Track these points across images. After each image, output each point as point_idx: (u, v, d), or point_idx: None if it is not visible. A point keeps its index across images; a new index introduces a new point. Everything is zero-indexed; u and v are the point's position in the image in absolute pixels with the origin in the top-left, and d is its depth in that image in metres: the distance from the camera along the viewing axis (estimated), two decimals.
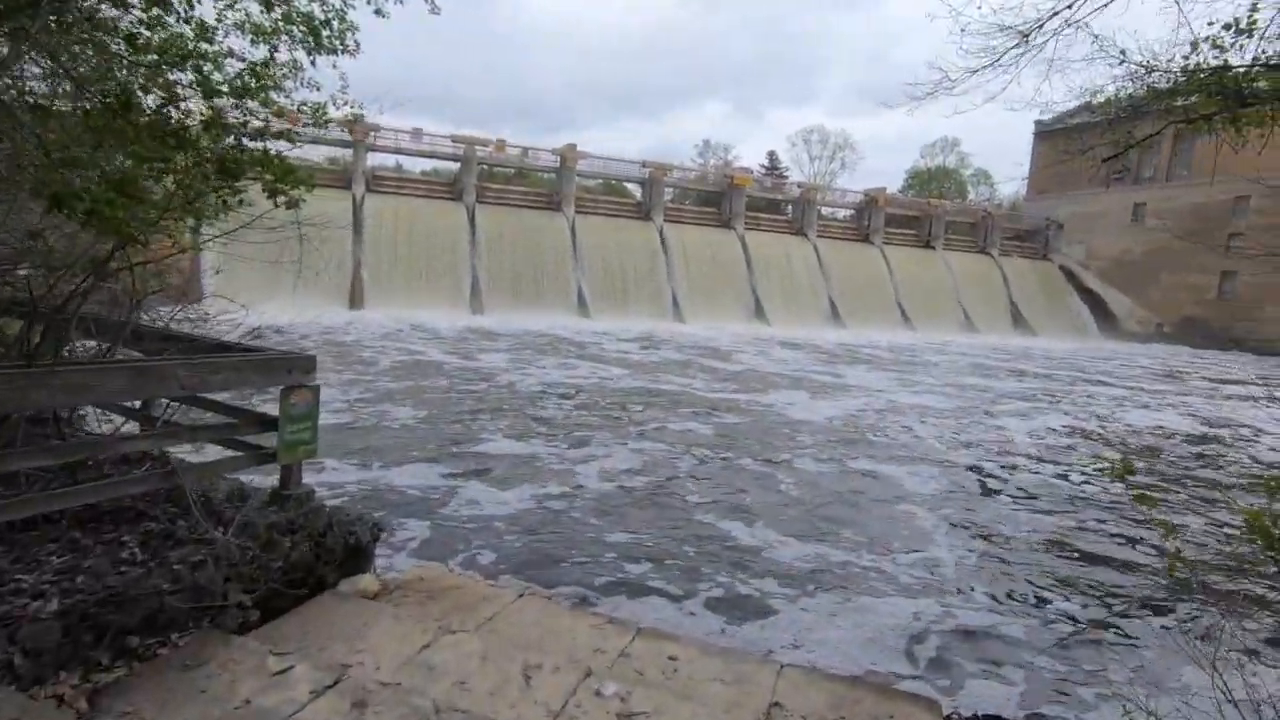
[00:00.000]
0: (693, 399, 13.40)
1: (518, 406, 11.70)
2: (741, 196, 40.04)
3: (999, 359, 27.21)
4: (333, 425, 9.09)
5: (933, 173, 69.70)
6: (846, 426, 11.71)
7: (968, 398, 16.01)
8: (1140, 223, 44.25)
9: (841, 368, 20.32)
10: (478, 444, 8.98)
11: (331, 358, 15.63)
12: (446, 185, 35.45)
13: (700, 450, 9.33)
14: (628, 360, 18.97)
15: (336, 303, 28.30)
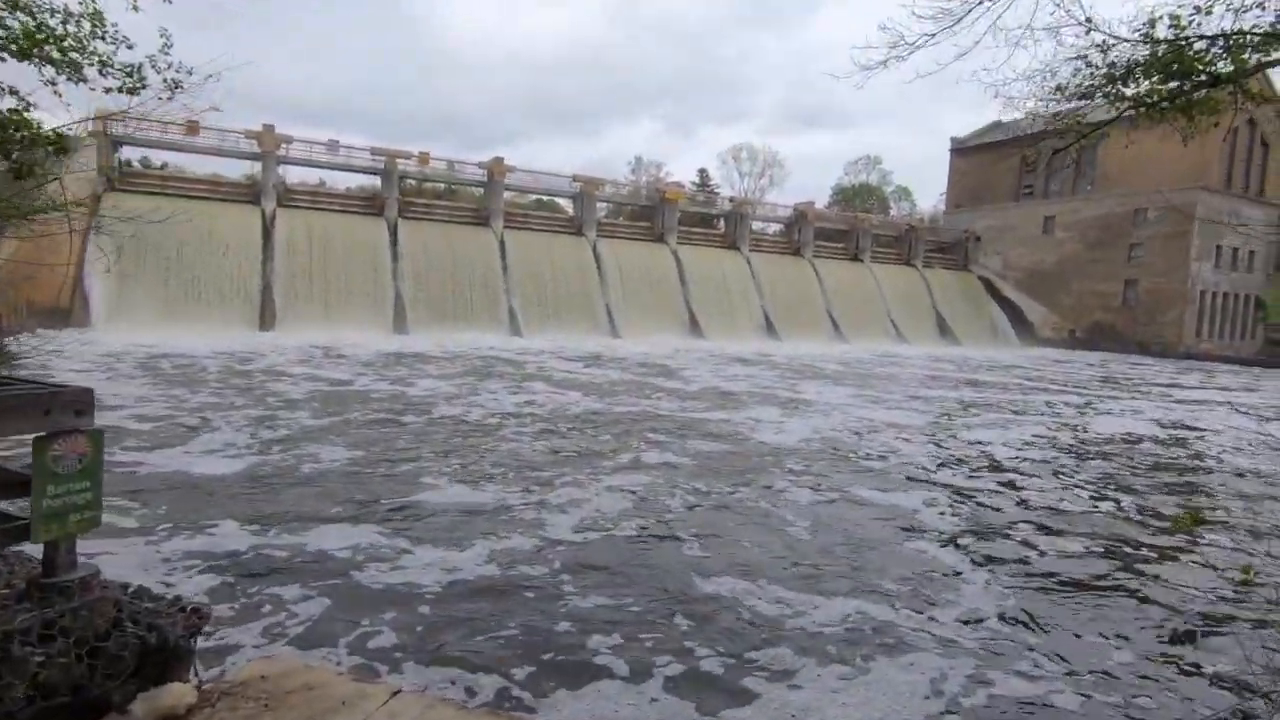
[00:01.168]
0: (660, 422, 12.32)
1: (466, 442, 9.99)
2: (674, 211, 39.81)
3: (946, 369, 27.37)
4: (232, 475, 7.59)
5: (856, 189, 71.93)
6: (828, 448, 10.88)
7: (935, 411, 15.61)
8: (1050, 234, 46.53)
9: (798, 383, 19.65)
10: (417, 492, 7.39)
11: (237, 390, 13.65)
12: (366, 200, 33.67)
13: (682, 484, 8.21)
14: (577, 381, 17.71)
15: (245, 325, 26.18)
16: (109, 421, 9.81)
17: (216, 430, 9.79)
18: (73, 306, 23.75)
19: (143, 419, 10.28)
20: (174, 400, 11.94)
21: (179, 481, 7.31)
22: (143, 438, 9.14)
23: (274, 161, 30.89)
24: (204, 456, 8.36)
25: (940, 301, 45.73)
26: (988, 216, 50.00)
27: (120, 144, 29.37)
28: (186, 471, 7.67)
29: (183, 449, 8.69)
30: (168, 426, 9.92)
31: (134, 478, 7.37)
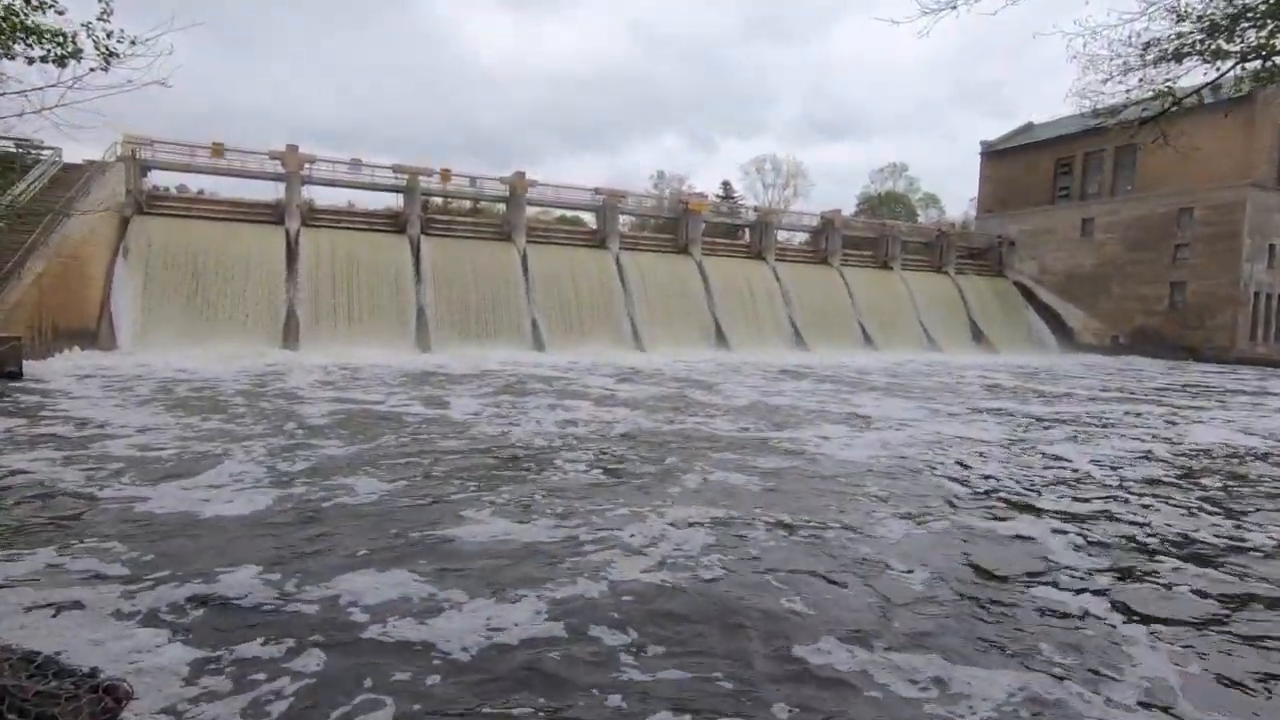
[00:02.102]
0: (716, 441, 11.37)
1: (510, 468, 9.12)
2: (698, 222, 39.19)
3: (1001, 378, 26.00)
4: (246, 513, 6.80)
5: (883, 197, 70.75)
6: (906, 467, 9.91)
7: (1009, 424, 14.50)
8: (1089, 237, 44.94)
9: (848, 396, 18.58)
10: (457, 527, 6.53)
11: (257, 414, 12.82)
12: (389, 218, 33.60)
13: (758, 514, 7.27)
14: (616, 397, 16.80)
15: (269, 344, 26.05)
16: (114, 451, 9.24)
17: (232, 460, 9.03)
18: (99, 328, 23.80)
19: (151, 448, 9.59)
20: (189, 427, 11.22)
21: (183, 520, 6.57)
22: (148, 469, 8.47)
23: (298, 181, 30.94)
24: (216, 491, 7.62)
25: (974, 308, 44.36)
26: (1022, 220, 48.55)
27: (148, 169, 29.66)
28: (193, 510, 6.89)
29: (193, 482, 7.97)
30: (178, 457, 9.21)
31: (131, 516, 6.66)
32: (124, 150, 28.23)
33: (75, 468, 8.40)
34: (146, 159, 29.12)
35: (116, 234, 26.49)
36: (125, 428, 10.98)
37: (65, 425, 10.99)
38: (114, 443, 9.83)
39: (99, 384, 16.09)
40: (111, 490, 7.52)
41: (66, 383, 16.01)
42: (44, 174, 25.30)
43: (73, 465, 8.53)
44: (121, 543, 5.88)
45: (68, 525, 6.36)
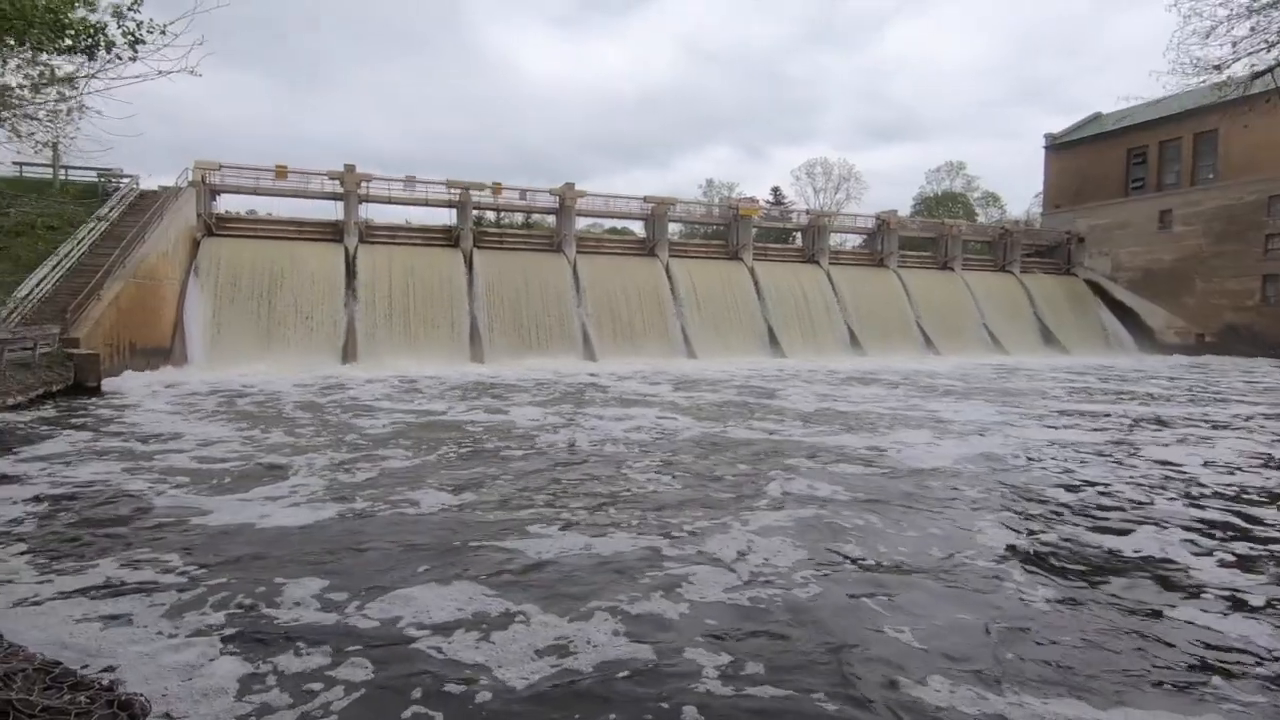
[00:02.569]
0: (790, 448, 10.86)
1: (579, 478, 8.77)
2: (749, 227, 38.60)
3: (1088, 381, 24.45)
4: (306, 526, 6.65)
5: (940, 197, 68.58)
6: (1000, 474, 9.23)
7: (1106, 427, 13.51)
8: (1167, 230, 42.34)
9: (922, 400, 17.58)
10: (525, 540, 6.19)
11: (319, 426, 12.86)
12: (443, 233, 34.25)
13: (848, 525, 6.79)
14: (677, 404, 16.41)
15: (330, 359, 26.77)
16: (177, 463, 9.36)
17: (294, 473, 8.95)
18: (173, 346, 24.86)
19: (214, 460, 9.69)
20: (252, 439, 11.33)
21: (242, 532, 6.48)
22: (210, 481, 8.49)
23: (355, 200, 31.87)
24: (276, 503, 7.50)
25: (1042, 308, 42.28)
26: (1092, 215, 46.15)
27: (216, 193, 31.03)
28: (253, 522, 6.76)
29: (254, 494, 7.90)
30: (240, 469, 9.19)
31: (190, 527, 6.62)
32: (195, 176, 29.61)
33: (140, 478, 8.52)
34: (215, 183, 30.47)
35: (188, 255, 27.72)
36: (190, 440, 11.19)
37: (133, 438, 11.27)
38: (178, 455, 9.99)
39: (170, 398, 16.67)
40: (173, 501, 7.56)
41: (140, 396, 16.66)
42: (122, 200, 26.68)
43: (138, 476, 8.66)
44: (180, 555, 5.82)
45: (128, 536, 6.39)
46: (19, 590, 4.99)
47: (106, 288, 20.92)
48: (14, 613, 4.58)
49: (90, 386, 16.80)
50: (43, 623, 4.42)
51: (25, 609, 4.66)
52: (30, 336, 15.37)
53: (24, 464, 9.21)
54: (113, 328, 20.76)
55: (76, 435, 11.38)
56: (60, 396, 15.65)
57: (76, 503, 7.48)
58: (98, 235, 23.65)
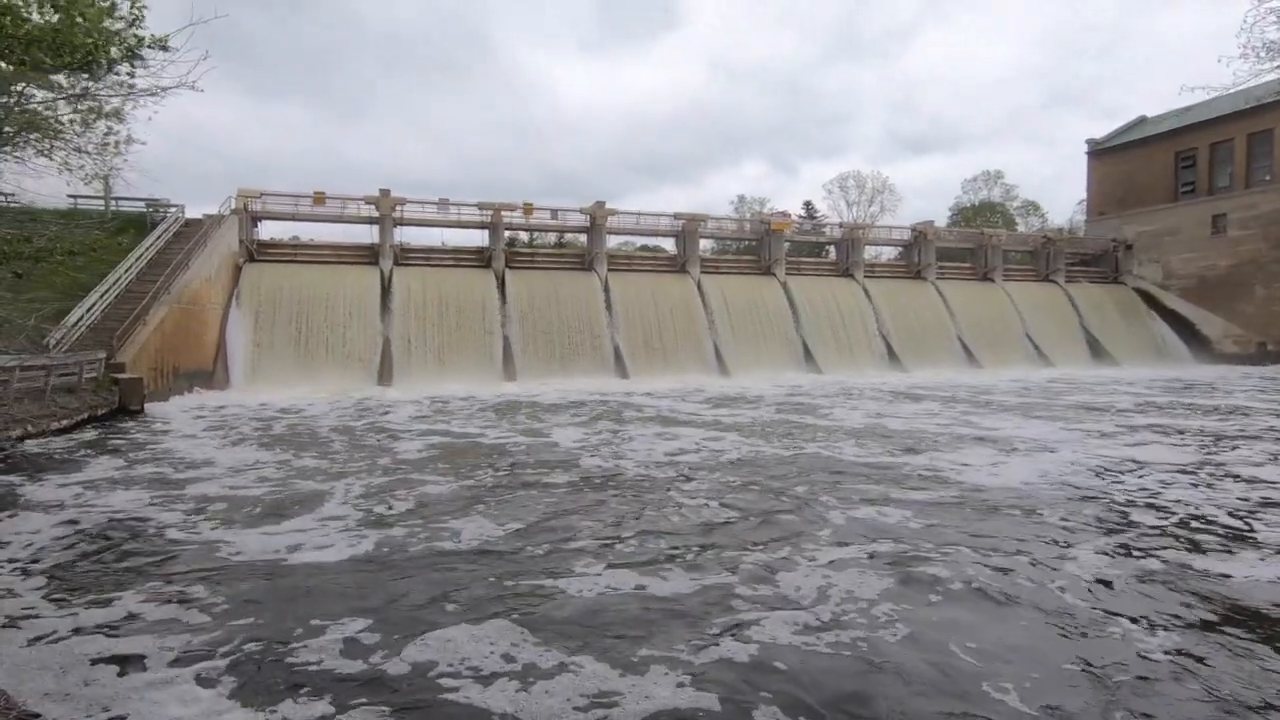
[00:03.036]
0: (845, 469, 10.39)
1: (627, 505, 8.32)
2: (781, 241, 38.19)
3: (1150, 394, 23.24)
4: (339, 560, 6.32)
5: (978, 207, 67.20)
6: (1079, 496, 8.57)
7: (1181, 444, 12.69)
8: (1222, 235, 40.61)
9: (978, 417, 16.76)
10: (571, 575, 5.80)
11: (355, 449, 12.69)
12: (475, 253, 34.66)
13: (923, 559, 6.15)
14: (719, 423, 15.98)
15: (366, 381, 27.11)
16: (211, 491, 9.27)
17: (330, 501, 8.68)
18: (215, 369, 25.46)
19: (246, 488, 9.53)
20: (287, 465, 11.13)
21: (272, 566, 6.24)
22: (244, 510, 8.28)
23: (390, 223, 32.47)
24: (308, 534, 7.22)
25: (1089, 318, 40.82)
26: (1140, 221, 44.56)
27: (258, 219, 31.93)
28: (284, 555, 6.53)
29: (288, 525, 7.62)
30: (275, 497, 8.98)
31: (219, 560, 6.41)
32: (237, 204, 30.54)
33: (170, 508, 8.42)
34: (256, 210, 31.36)
35: (231, 281, 28.48)
36: (224, 466, 11.05)
37: (168, 464, 11.26)
38: (211, 483, 9.83)
39: (209, 421, 16.89)
40: (202, 533, 7.39)
41: (180, 420, 16.97)
42: (168, 229, 27.60)
43: (168, 506, 8.55)
44: (204, 590, 5.64)
45: (151, 570, 6.23)
46: (37, 626, 4.90)
47: (152, 313, 21.54)
48: (26, 652, 4.48)
49: (133, 410, 17.21)
50: (54, 661, 4.32)
51: (39, 647, 4.56)
52: (76, 362, 15.80)
53: (56, 490, 9.25)
54: (157, 352, 21.33)
55: (112, 461, 11.49)
56: (104, 420, 16.03)
57: (103, 533, 7.41)
58: (144, 263, 24.46)
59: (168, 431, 15.04)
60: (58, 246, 13.28)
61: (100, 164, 16.34)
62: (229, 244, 28.83)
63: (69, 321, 19.26)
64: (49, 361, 14.64)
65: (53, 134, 15.07)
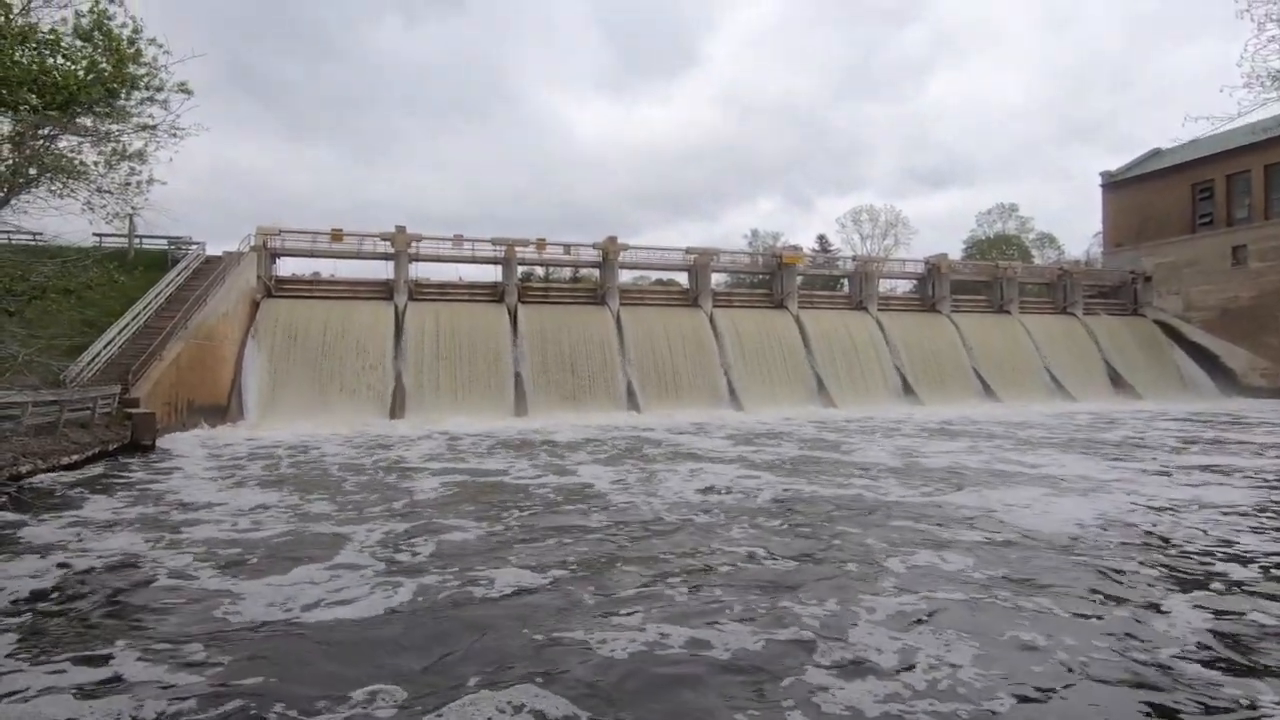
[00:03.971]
0: (890, 511, 9.99)
1: (667, 549, 7.84)
2: (793, 275, 38.17)
3: (1193, 429, 22.50)
4: (361, 619, 5.74)
5: (993, 240, 67.04)
6: (1143, 540, 8.13)
7: (1244, 483, 12.11)
8: (1243, 266, 40.03)
9: (1016, 454, 16.15)
10: (613, 629, 5.34)
11: (370, 489, 12.09)
12: (488, 288, 34.97)
13: (1006, 613, 5.73)
14: (748, 460, 15.52)
15: (378, 415, 27.13)
16: (214, 535, 8.71)
17: (347, 547, 8.11)
18: (229, 404, 25.64)
19: (255, 530, 9.05)
20: (297, 507, 10.54)
21: (281, 623, 5.69)
22: (248, 558, 7.64)
23: (405, 259, 32.92)
24: (319, 588, 6.59)
25: (1110, 351, 40.16)
26: (1158, 253, 44.09)
27: (276, 256, 32.50)
28: (294, 610, 5.93)
29: (296, 577, 6.97)
30: (284, 542, 8.42)
31: (222, 614, 5.85)
32: (257, 240, 31.13)
33: (173, 553, 8.01)
34: (275, 247, 31.94)
35: (248, 317, 28.87)
36: (233, 507, 10.64)
37: (174, 505, 10.86)
38: (220, 525, 9.41)
39: (222, 457, 16.80)
40: (209, 581, 6.95)
41: (193, 455, 16.96)
42: (188, 266, 28.14)
43: (171, 550, 8.15)
44: (206, 646, 5.19)
45: (146, 623, 5.78)
46: (9, 682, 4.57)
47: (168, 348, 21.81)
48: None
49: (145, 445, 17.28)
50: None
51: (8, 704, 4.28)
52: (90, 396, 15.95)
53: (56, 530, 9.05)
54: (172, 387, 21.53)
55: (117, 500, 11.22)
56: (115, 455, 16.08)
57: (98, 579, 7.00)
58: (164, 299, 24.89)
59: (178, 469, 14.97)
60: (52, 285, 13.51)
61: (123, 203, 16.76)
62: (247, 280, 29.31)
63: (86, 356, 19.53)
64: (61, 396, 14.78)
65: (76, 175, 15.51)
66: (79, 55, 13.48)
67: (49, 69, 12.55)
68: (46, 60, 12.74)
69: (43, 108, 12.22)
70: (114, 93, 13.30)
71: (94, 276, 14.72)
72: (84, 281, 14.55)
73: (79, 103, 12.45)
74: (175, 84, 14.95)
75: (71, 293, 14.39)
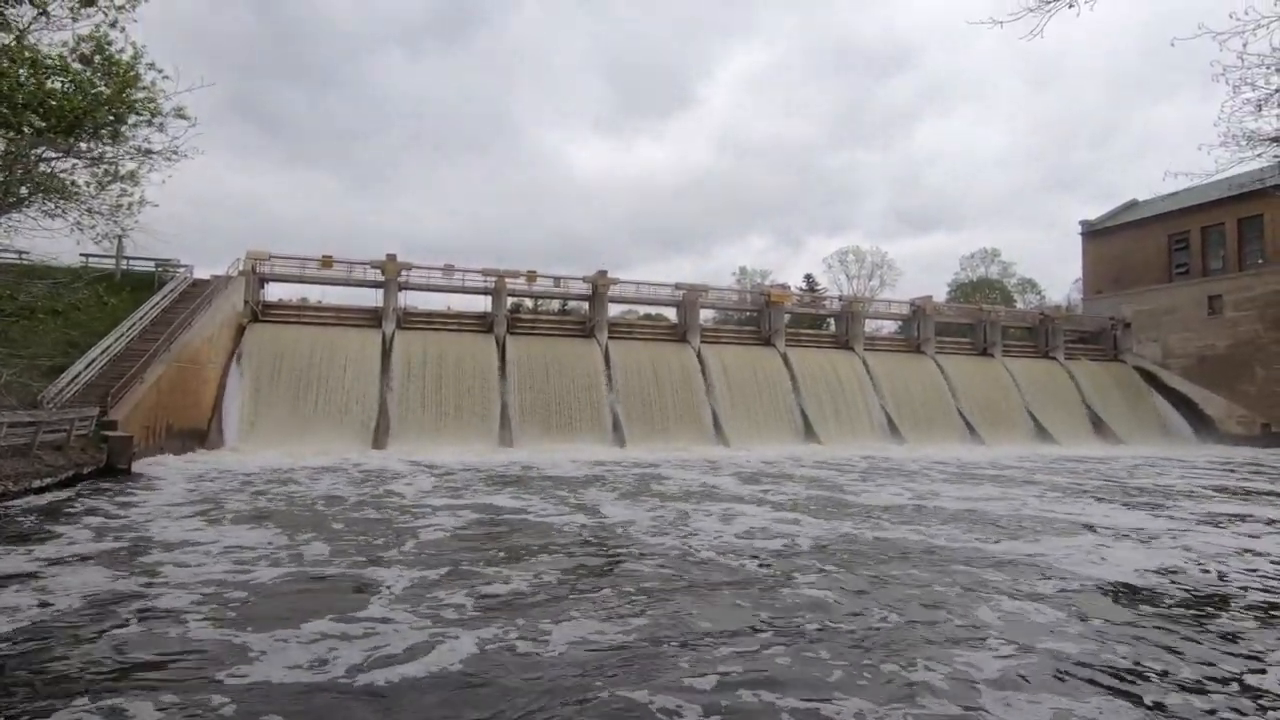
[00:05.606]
0: (940, 555, 9.77)
1: (729, 597, 7.42)
2: (780, 313, 38.56)
3: (1205, 474, 22.46)
4: (395, 685, 4.95)
5: (976, 284, 68.19)
6: (1229, 594, 8.05)
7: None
8: (1219, 315, 40.94)
9: (1040, 501, 15.82)
10: (691, 694, 4.90)
11: (366, 527, 11.16)
12: (477, 319, 34.98)
13: (1132, 672, 5.45)
14: (768, 500, 15.20)
15: (360, 443, 26.77)
16: (195, 575, 7.81)
17: (365, 594, 7.21)
18: (209, 428, 25.24)
19: (245, 570, 8.09)
20: (288, 549, 9.48)
21: (288, 693, 4.77)
22: (246, 607, 6.72)
23: (395, 287, 32.91)
24: (316, 648, 5.59)
25: (1091, 396, 40.68)
26: (1137, 300, 45.04)
27: (265, 281, 32.39)
28: (311, 675, 5.02)
29: (319, 633, 5.99)
30: (288, 592, 7.34)
31: (211, 681, 4.92)
32: (246, 265, 31.03)
33: (153, 595, 7.14)
34: (265, 272, 31.85)
35: (233, 341, 28.61)
36: (221, 544, 9.70)
37: (151, 538, 10.03)
38: (204, 566, 8.43)
39: (201, 484, 16.22)
40: (194, 633, 5.92)
41: (170, 481, 16.39)
42: (175, 289, 27.97)
43: (149, 592, 7.26)
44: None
45: (120, 691, 4.73)
46: None
47: (150, 371, 21.53)
48: None
49: (121, 469, 16.95)
50: None
51: None
52: (67, 418, 15.66)
53: (14, 562, 8.36)
54: (152, 410, 21.21)
55: (87, 529, 10.57)
56: (90, 479, 15.71)
57: (59, 631, 5.96)
58: (148, 321, 24.65)
59: (154, 494, 14.53)
60: (41, 305, 13.39)
61: (112, 225, 16.71)
62: (234, 304, 29.13)
63: (65, 377, 19.23)
64: (38, 417, 14.50)
65: (68, 196, 15.48)
66: (80, 79, 13.59)
67: (51, 92, 12.63)
68: (46, 83, 12.82)
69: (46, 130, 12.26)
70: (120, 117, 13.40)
71: (83, 298, 14.60)
72: (73, 302, 14.42)
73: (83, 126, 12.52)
74: (173, 109, 15.05)
75: (60, 313, 14.25)
